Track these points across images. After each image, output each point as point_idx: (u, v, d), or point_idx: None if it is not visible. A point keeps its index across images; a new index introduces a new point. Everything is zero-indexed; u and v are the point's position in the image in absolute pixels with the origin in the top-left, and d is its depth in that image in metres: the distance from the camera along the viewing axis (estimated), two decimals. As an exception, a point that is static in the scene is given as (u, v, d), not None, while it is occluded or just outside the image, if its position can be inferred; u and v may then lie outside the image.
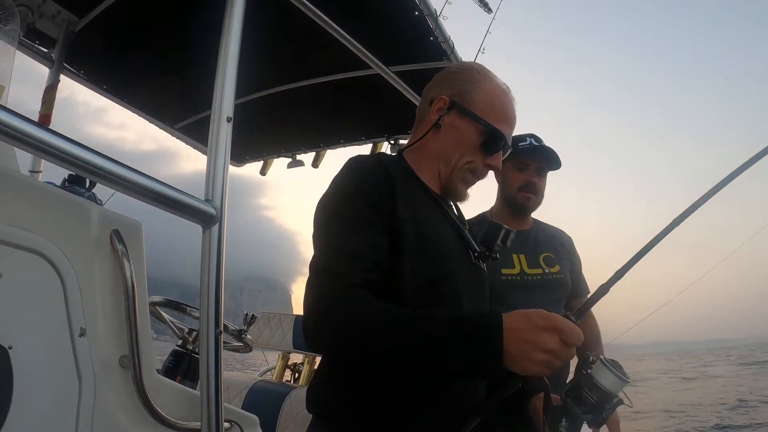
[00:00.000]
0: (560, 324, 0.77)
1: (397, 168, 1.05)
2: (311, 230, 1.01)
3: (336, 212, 0.95)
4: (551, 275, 1.84)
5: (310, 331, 0.86)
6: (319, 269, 0.90)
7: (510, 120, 1.13)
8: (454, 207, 1.20)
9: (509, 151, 1.16)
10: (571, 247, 2.01)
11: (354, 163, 1.03)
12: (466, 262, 1.09)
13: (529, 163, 1.86)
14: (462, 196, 1.15)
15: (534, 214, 1.99)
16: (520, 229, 1.86)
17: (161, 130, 2.66)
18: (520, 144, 1.85)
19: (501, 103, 1.12)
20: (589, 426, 0.89)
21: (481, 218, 1.94)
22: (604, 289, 0.90)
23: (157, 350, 1.15)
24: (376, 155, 1.15)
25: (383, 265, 0.91)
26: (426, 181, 1.10)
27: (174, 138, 2.69)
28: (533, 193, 1.87)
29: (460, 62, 1.19)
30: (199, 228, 0.97)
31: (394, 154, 1.19)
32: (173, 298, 1.73)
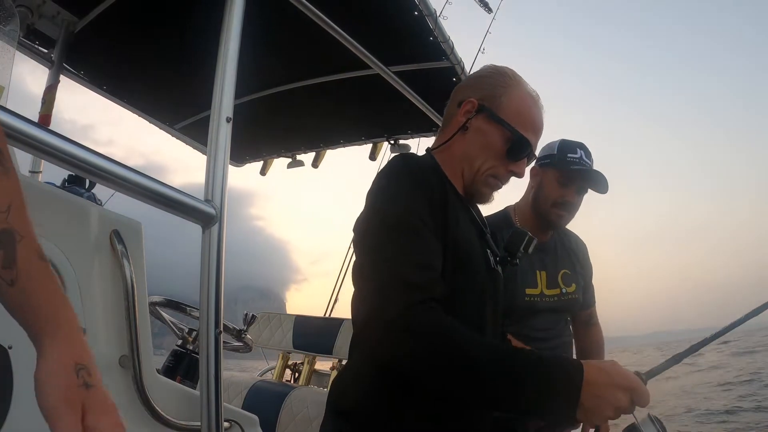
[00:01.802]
0: (635, 385, 0.79)
1: (436, 170, 1.05)
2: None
3: (400, 219, 0.92)
4: (567, 295, 1.77)
5: (390, 347, 0.84)
6: (391, 280, 0.85)
7: (537, 128, 1.13)
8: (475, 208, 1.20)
9: (534, 160, 1.15)
10: (585, 258, 1.91)
11: (408, 163, 1.01)
12: (487, 267, 1.09)
13: (572, 179, 1.70)
14: (486, 199, 1.15)
15: None
16: (542, 240, 1.77)
17: (161, 130, 2.66)
18: (569, 155, 1.71)
19: (529, 110, 1.11)
20: None
21: (504, 215, 1.84)
22: (676, 359, 0.93)
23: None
24: (418, 157, 1.12)
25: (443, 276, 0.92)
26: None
27: (161, 153, 2.69)
28: (567, 212, 1.74)
29: (492, 65, 1.18)
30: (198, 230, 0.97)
31: (423, 154, 1.18)
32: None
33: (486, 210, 1.26)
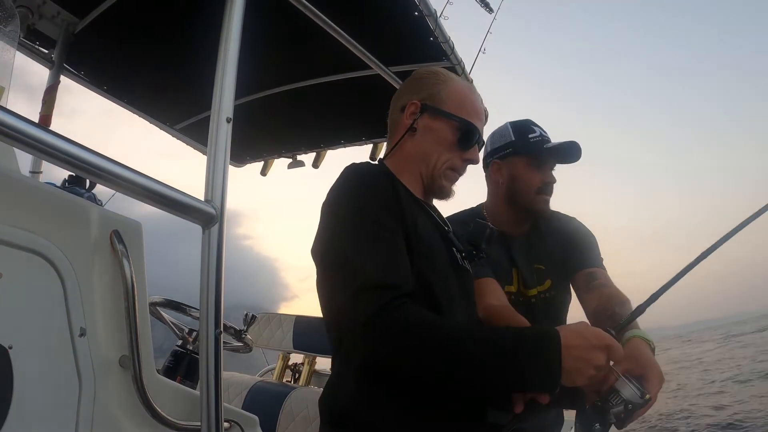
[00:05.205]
0: (609, 342, 0.83)
1: (387, 175, 1.08)
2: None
3: (359, 225, 0.93)
4: (543, 293, 1.63)
5: (373, 349, 0.84)
6: (361, 285, 0.85)
7: (481, 114, 1.19)
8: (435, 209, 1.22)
9: (483, 144, 1.22)
10: (578, 229, 1.68)
11: (359, 173, 1.03)
12: (454, 264, 1.11)
13: (546, 160, 1.59)
14: (448, 193, 1.18)
15: None
16: (518, 233, 1.66)
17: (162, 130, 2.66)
18: (530, 136, 1.59)
19: (470, 99, 1.17)
20: (616, 426, 0.95)
21: (474, 213, 1.68)
22: (640, 310, 0.97)
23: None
24: (368, 164, 1.12)
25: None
26: (408, 186, 1.11)
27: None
28: (550, 195, 1.61)
29: (423, 69, 1.25)
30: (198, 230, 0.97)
31: (375, 162, 1.20)
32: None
33: (451, 208, 1.28)
